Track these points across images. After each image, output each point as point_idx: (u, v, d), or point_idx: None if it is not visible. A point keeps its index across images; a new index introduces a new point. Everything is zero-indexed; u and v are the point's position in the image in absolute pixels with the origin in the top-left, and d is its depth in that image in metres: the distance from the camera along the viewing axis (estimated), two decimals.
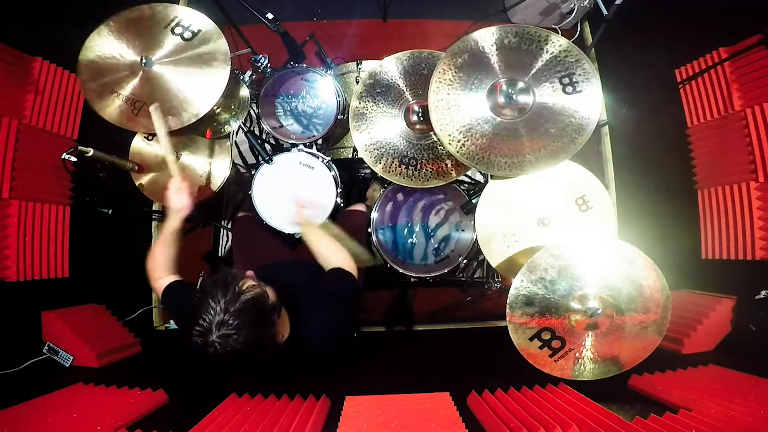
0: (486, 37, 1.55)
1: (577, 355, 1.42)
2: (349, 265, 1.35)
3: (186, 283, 1.35)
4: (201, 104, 1.61)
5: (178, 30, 1.65)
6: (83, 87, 1.63)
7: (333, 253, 1.42)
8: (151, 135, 1.86)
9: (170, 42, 1.65)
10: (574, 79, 1.51)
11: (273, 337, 1.09)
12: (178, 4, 2.78)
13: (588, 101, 1.50)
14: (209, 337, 0.96)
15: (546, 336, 1.40)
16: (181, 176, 1.46)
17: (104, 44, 1.63)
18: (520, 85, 1.53)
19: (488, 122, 1.54)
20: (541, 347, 1.41)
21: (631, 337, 1.40)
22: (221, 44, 1.64)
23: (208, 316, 0.97)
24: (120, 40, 1.64)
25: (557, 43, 1.52)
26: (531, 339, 1.40)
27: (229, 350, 0.97)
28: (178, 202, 1.40)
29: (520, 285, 1.39)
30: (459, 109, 1.54)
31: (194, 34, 1.64)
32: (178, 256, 1.38)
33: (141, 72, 1.63)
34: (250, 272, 1.12)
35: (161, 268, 1.33)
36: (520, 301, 1.38)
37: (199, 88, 1.62)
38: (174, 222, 1.38)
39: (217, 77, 1.62)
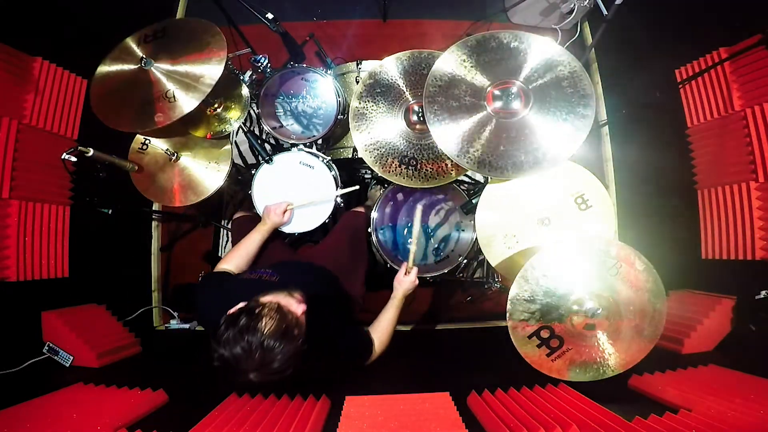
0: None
1: (575, 355, 1.42)
2: (380, 344, 1.47)
3: (232, 276, 1.49)
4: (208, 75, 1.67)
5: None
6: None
7: (387, 329, 1.51)
8: (145, 144, 1.90)
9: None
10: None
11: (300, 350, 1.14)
12: (175, 16, 2.79)
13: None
14: (246, 377, 1.08)
15: (545, 334, 1.40)
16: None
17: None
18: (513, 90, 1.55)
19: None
20: (539, 345, 1.41)
21: (627, 339, 1.41)
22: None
23: (242, 360, 1.06)
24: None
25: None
26: (530, 337, 1.41)
27: (266, 381, 1.09)
28: (281, 219, 1.68)
29: (521, 284, 1.39)
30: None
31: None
32: (253, 259, 1.60)
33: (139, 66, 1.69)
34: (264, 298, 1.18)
35: (229, 261, 1.53)
36: (521, 299, 1.39)
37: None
38: (269, 228, 1.65)
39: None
